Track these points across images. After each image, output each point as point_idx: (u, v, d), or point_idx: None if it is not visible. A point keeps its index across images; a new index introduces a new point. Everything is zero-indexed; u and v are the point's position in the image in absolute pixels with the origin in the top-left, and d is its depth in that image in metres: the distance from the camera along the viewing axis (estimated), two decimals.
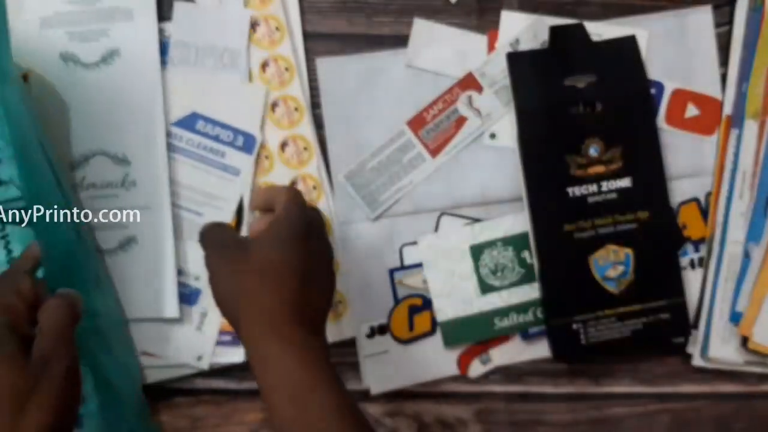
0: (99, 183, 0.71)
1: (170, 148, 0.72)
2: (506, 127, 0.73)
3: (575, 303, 0.71)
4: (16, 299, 0.58)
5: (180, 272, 0.71)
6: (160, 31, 0.72)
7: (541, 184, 0.71)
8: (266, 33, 0.72)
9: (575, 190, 0.71)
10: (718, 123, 0.74)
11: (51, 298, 0.57)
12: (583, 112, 0.72)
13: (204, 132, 0.72)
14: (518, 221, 0.72)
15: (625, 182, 0.71)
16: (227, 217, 0.72)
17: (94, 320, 0.66)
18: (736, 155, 0.73)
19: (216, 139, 0.72)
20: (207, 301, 0.71)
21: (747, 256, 0.72)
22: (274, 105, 0.72)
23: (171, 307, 0.70)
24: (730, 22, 0.75)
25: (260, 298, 0.56)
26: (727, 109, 0.74)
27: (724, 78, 0.74)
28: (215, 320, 0.71)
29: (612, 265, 0.71)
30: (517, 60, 0.72)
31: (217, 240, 0.61)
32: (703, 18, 0.74)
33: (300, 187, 0.72)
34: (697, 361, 0.73)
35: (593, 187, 0.71)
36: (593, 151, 0.71)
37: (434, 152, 0.73)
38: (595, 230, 0.71)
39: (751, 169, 0.72)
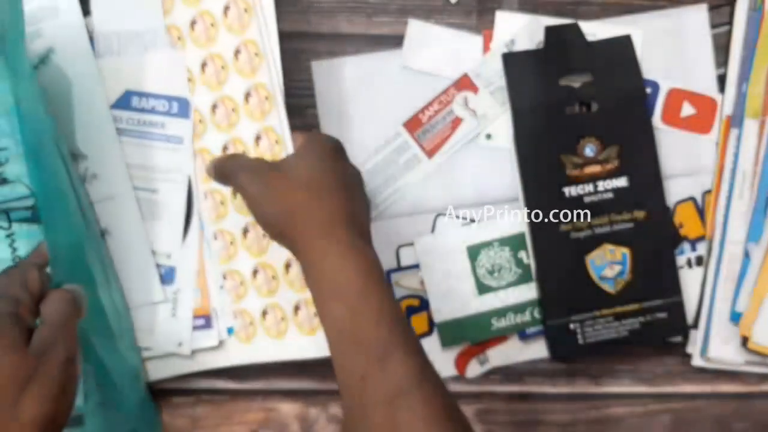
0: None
1: None
2: (502, 128, 0.73)
3: (572, 303, 0.71)
4: (23, 291, 0.58)
5: (152, 253, 0.72)
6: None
7: (537, 184, 0.71)
8: (236, 17, 0.69)
9: (571, 190, 0.71)
10: (713, 122, 0.73)
11: (55, 290, 0.58)
12: (579, 112, 0.72)
13: (140, 107, 0.72)
14: (515, 221, 0.72)
15: (621, 182, 0.71)
16: (182, 188, 0.71)
17: (100, 318, 0.66)
18: (736, 155, 0.73)
19: (153, 111, 0.71)
20: (181, 278, 0.71)
21: (747, 256, 0.72)
22: (247, 95, 0.69)
23: (156, 290, 0.71)
24: (730, 22, 0.74)
25: (313, 211, 0.59)
26: (727, 109, 0.73)
27: (722, 77, 0.74)
28: (187, 303, 0.71)
29: (609, 264, 0.71)
30: (512, 60, 0.72)
31: (246, 166, 0.63)
32: (698, 17, 0.74)
33: (264, 143, 0.70)
34: (697, 361, 0.73)
35: (589, 187, 0.71)
36: (589, 151, 0.71)
37: (430, 153, 0.73)
38: (591, 230, 0.71)
39: (751, 168, 0.72)
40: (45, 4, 0.71)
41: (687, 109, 0.73)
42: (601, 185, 0.71)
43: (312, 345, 0.69)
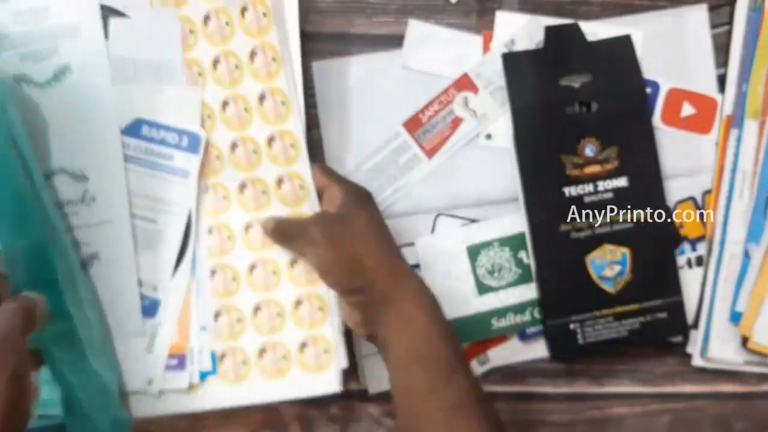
0: (61, 201, 0.69)
1: None
2: (502, 128, 0.73)
3: (572, 303, 0.71)
4: None
5: (138, 283, 0.70)
6: None
7: (537, 184, 0.71)
8: (254, 19, 0.69)
9: (571, 190, 0.71)
10: (713, 122, 0.73)
11: (7, 300, 0.56)
12: (579, 112, 0.72)
13: (149, 137, 0.70)
14: (515, 221, 0.72)
15: (621, 182, 0.71)
16: (181, 221, 0.70)
17: (65, 328, 0.64)
18: (736, 155, 0.73)
19: (162, 142, 0.70)
20: (164, 313, 0.69)
21: (747, 256, 0.72)
22: (262, 98, 0.69)
23: (136, 321, 0.69)
24: (730, 22, 0.75)
25: (381, 253, 0.64)
26: (727, 109, 0.73)
27: (722, 77, 0.74)
28: (165, 340, 0.69)
29: (609, 264, 0.71)
30: (512, 60, 0.72)
31: (314, 222, 0.66)
32: (698, 17, 0.74)
33: (287, 186, 0.69)
34: (697, 361, 0.73)
35: (589, 187, 0.71)
36: (589, 151, 0.71)
37: (430, 153, 0.73)
38: (591, 230, 0.71)
39: (751, 169, 0.72)
40: (66, 21, 0.70)
41: (687, 109, 0.73)
42: (601, 185, 0.71)
43: (316, 384, 0.69)
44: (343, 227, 0.64)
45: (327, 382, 0.68)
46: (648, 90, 0.73)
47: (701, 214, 0.73)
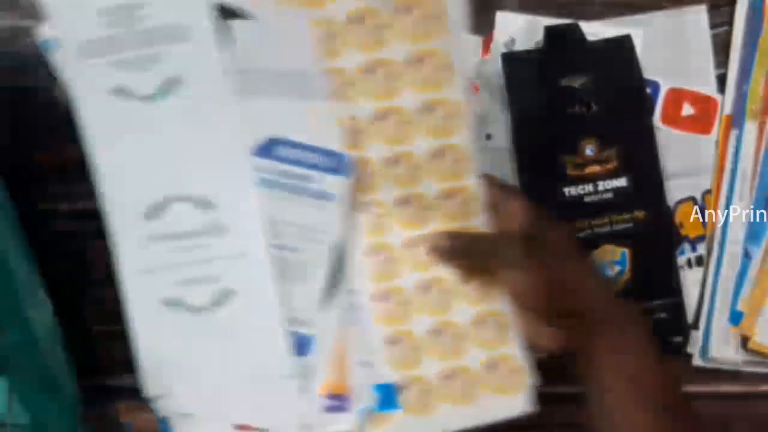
0: (180, 233, 0.60)
1: None
2: (502, 128, 0.73)
3: None
4: None
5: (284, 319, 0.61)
6: None
7: (537, 184, 0.71)
8: (431, 70, 0.60)
9: (571, 190, 0.71)
10: (713, 122, 0.73)
11: None
12: (579, 112, 0.72)
13: (285, 157, 0.60)
14: None
15: (621, 182, 0.71)
16: (326, 248, 0.61)
17: (26, 332, 0.63)
18: (736, 155, 0.73)
19: (300, 163, 0.61)
20: (317, 350, 0.61)
21: (747, 256, 0.72)
22: (426, 109, 0.60)
23: (285, 362, 0.60)
24: (730, 22, 0.75)
25: (597, 278, 0.63)
26: (727, 109, 0.73)
27: (722, 78, 0.74)
28: (320, 380, 0.60)
29: (609, 264, 0.71)
30: (512, 60, 0.72)
31: (510, 240, 0.60)
32: (698, 17, 0.74)
33: (453, 201, 0.61)
34: (697, 361, 0.73)
35: (589, 187, 0.71)
36: (589, 151, 0.71)
37: None
38: (591, 230, 0.71)
39: (751, 169, 0.72)
40: (169, 23, 0.59)
41: (687, 109, 0.73)
42: (601, 185, 0.71)
43: (509, 405, 0.62)
44: (543, 246, 0.59)
45: (519, 402, 0.62)
46: (648, 90, 0.73)
47: (701, 214, 0.73)
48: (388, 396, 0.61)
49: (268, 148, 0.61)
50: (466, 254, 0.61)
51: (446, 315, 0.62)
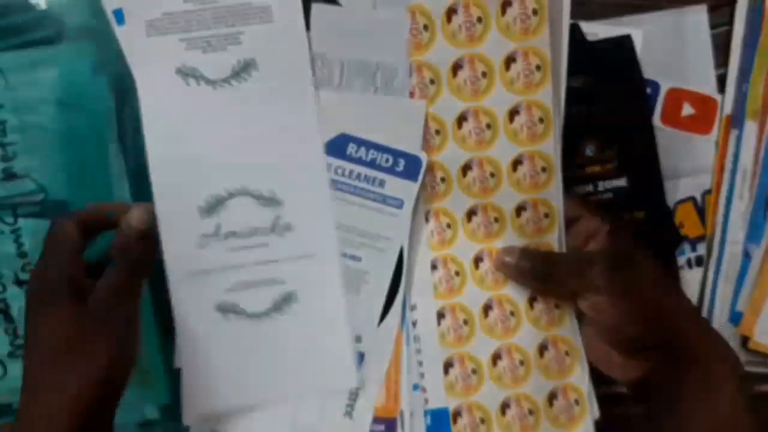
0: (241, 230, 0.57)
1: None
2: None
3: None
4: (71, 253, 0.55)
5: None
6: None
7: None
8: (519, 17, 0.56)
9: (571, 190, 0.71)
10: (713, 122, 0.73)
11: (123, 235, 0.55)
12: (579, 112, 0.72)
13: (356, 157, 0.58)
14: None
15: (621, 182, 0.71)
16: (391, 259, 0.58)
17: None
18: (736, 155, 0.73)
19: (371, 164, 0.58)
20: (369, 369, 0.58)
21: (747, 256, 0.72)
22: (513, 113, 0.58)
23: (350, 375, 0.58)
24: (730, 22, 0.74)
25: (687, 305, 0.58)
26: (727, 109, 0.73)
27: (722, 78, 0.74)
28: (369, 403, 0.58)
29: None
30: None
31: (600, 259, 0.56)
32: (698, 17, 0.74)
33: (528, 214, 0.59)
34: None
35: (589, 187, 0.71)
36: (589, 151, 0.71)
37: None
38: None
39: (751, 169, 0.72)
40: (254, 1, 0.56)
41: (687, 109, 0.73)
42: (601, 185, 0.71)
43: None
44: (632, 271, 0.55)
45: None
46: (648, 90, 0.73)
47: (701, 214, 0.73)
48: (441, 422, 0.58)
49: (338, 145, 0.58)
50: (545, 276, 0.57)
51: (510, 338, 0.59)
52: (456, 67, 0.57)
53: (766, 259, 0.71)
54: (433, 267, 0.59)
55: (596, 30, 0.73)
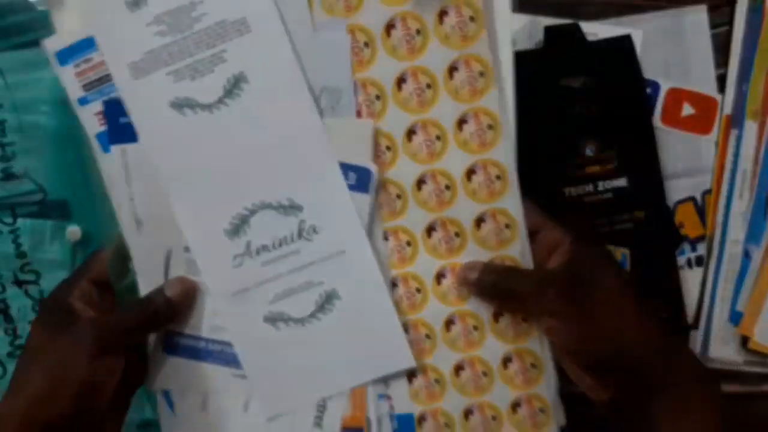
0: (270, 243, 0.58)
1: None
2: None
3: None
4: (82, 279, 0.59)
5: None
6: None
7: (537, 184, 0.71)
8: (457, 25, 0.56)
9: (571, 191, 0.71)
10: (713, 122, 0.73)
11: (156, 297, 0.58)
12: (579, 112, 0.72)
13: None
14: None
15: (621, 182, 0.71)
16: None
17: None
18: (736, 155, 0.73)
19: None
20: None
21: (747, 256, 0.71)
22: (461, 122, 0.58)
23: (406, 355, 0.59)
24: (730, 22, 0.74)
25: (650, 329, 0.54)
26: (727, 109, 0.73)
27: (722, 78, 0.74)
28: (338, 413, 0.59)
29: None
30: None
31: (552, 281, 0.55)
32: (698, 17, 0.74)
33: (488, 226, 0.59)
34: None
35: (589, 187, 0.71)
36: (589, 151, 0.71)
37: None
38: (591, 230, 0.71)
39: (751, 169, 0.72)
40: (227, 18, 0.56)
41: (687, 109, 0.73)
42: (601, 185, 0.71)
43: None
44: (589, 290, 0.53)
45: None
46: (648, 90, 0.73)
47: (701, 214, 0.73)
48: (406, 427, 0.60)
49: None
50: (506, 293, 0.57)
51: (473, 351, 0.60)
52: (400, 81, 0.57)
53: (766, 259, 0.71)
54: (394, 285, 0.59)
55: (596, 30, 0.73)
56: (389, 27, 0.56)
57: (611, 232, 0.71)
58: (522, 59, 0.71)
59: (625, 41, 0.72)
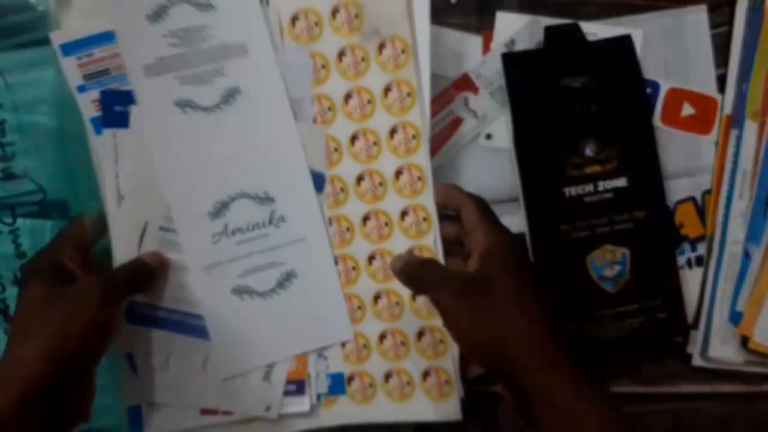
0: (245, 226, 0.68)
1: None
2: (502, 128, 0.73)
3: (572, 303, 0.71)
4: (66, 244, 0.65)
5: None
6: None
7: (537, 184, 0.71)
8: (392, 56, 0.68)
9: (571, 190, 0.71)
10: (713, 122, 0.73)
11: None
12: (579, 112, 0.72)
13: None
14: (514, 222, 0.72)
15: (621, 182, 0.71)
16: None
17: None
18: (736, 155, 0.73)
19: None
20: None
21: (747, 256, 0.72)
22: (392, 132, 0.69)
23: (345, 329, 0.69)
24: (729, 22, 0.75)
25: (532, 339, 0.54)
26: (727, 109, 0.73)
27: (722, 78, 0.74)
28: (283, 368, 0.69)
29: (608, 264, 0.71)
30: (512, 60, 0.72)
31: (448, 281, 0.58)
32: (698, 17, 0.74)
33: (410, 218, 0.69)
34: (697, 361, 0.73)
35: (589, 187, 0.71)
36: (589, 151, 0.71)
37: (431, 153, 0.73)
38: (591, 230, 0.71)
39: (750, 169, 0.72)
40: (230, 41, 0.68)
41: (687, 109, 0.73)
42: (601, 185, 0.71)
43: (438, 410, 0.68)
44: (485, 296, 0.55)
45: (448, 410, 0.68)
46: (648, 90, 0.73)
47: (701, 214, 0.73)
48: (338, 384, 0.69)
49: None
50: (415, 282, 0.62)
51: (395, 323, 0.69)
52: (347, 97, 0.69)
53: (766, 259, 0.71)
54: (336, 262, 0.70)
55: (596, 30, 0.73)
56: (341, 54, 0.69)
57: (611, 232, 0.71)
58: (522, 59, 0.72)
59: (625, 41, 0.72)
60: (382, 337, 0.69)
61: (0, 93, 0.67)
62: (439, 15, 0.74)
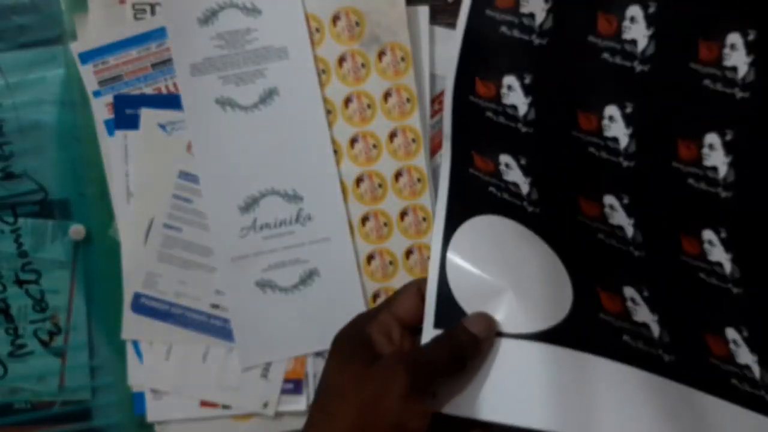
0: (272, 222, 0.71)
1: None
2: None
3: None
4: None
5: None
6: None
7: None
8: (391, 63, 0.72)
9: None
10: None
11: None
12: None
13: None
14: None
15: None
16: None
17: None
18: None
19: None
20: None
21: None
22: (392, 135, 0.72)
23: None
24: None
25: None
26: None
27: None
28: (281, 366, 0.72)
29: None
30: None
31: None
32: None
33: (409, 218, 0.73)
34: None
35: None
36: None
37: (431, 153, 0.73)
38: None
39: None
40: (272, 44, 0.71)
41: None
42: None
43: None
44: (372, 378, 0.57)
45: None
46: None
47: None
48: None
49: None
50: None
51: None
52: (348, 101, 0.72)
53: None
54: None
55: None
56: (341, 60, 0.72)
57: None
58: None
59: None
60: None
61: (1, 93, 0.68)
62: (439, 15, 0.74)
